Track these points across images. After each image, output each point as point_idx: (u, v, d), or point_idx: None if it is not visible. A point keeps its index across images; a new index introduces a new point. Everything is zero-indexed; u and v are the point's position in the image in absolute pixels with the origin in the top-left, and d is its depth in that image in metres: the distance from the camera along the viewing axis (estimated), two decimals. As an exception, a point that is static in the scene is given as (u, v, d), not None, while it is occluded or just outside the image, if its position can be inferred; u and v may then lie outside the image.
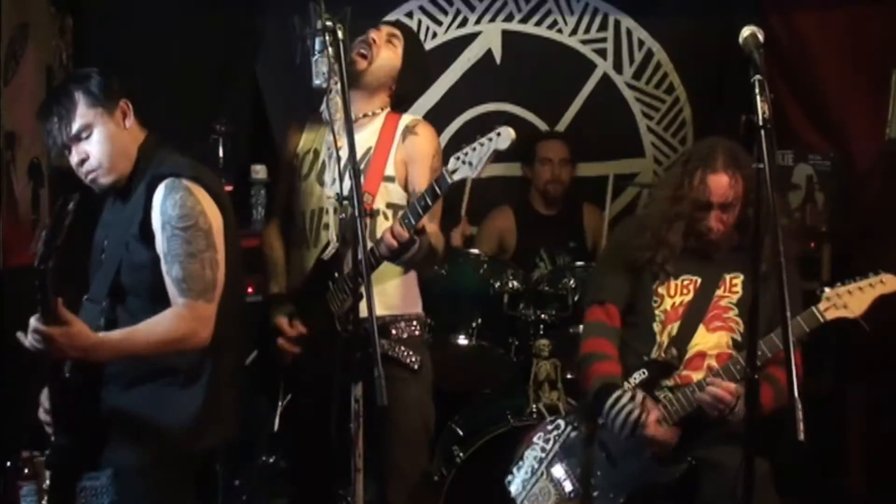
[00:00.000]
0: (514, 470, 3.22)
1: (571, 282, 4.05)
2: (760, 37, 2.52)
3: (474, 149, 2.79)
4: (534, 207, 4.77)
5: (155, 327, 2.59)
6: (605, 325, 3.19)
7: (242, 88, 4.74)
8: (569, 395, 3.85)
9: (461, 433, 3.92)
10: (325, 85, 2.66)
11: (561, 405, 3.76)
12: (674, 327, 3.11)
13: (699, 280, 3.14)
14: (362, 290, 2.51)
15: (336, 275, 3.03)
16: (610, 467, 3.08)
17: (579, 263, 4.17)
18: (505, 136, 2.75)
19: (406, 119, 3.21)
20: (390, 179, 3.11)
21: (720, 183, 3.01)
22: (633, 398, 2.98)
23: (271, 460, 4.10)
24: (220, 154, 4.21)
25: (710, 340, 3.09)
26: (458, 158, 2.80)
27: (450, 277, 4.01)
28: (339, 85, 2.58)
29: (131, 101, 2.76)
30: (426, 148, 3.17)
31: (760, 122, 2.32)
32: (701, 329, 3.10)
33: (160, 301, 2.64)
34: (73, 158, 2.72)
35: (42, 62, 3.95)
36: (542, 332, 4.01)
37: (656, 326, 3.13)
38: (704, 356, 3.08)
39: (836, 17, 4.41)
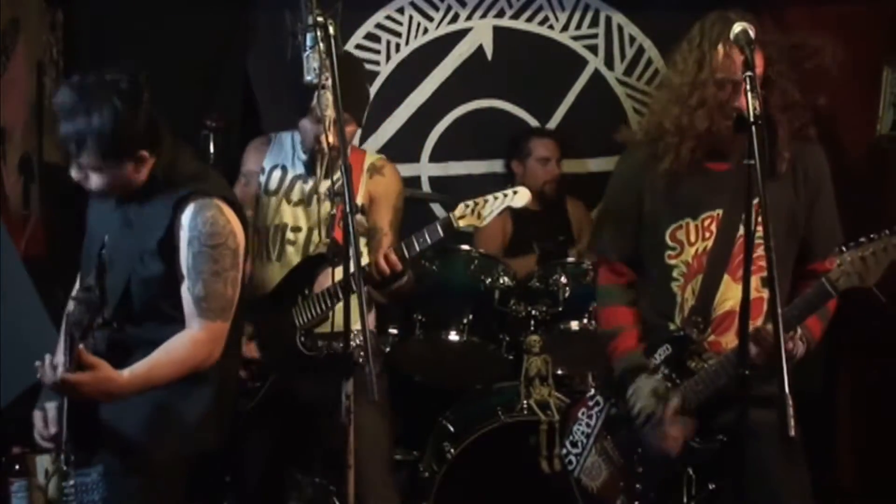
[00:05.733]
0: (567, 444, 3.11)
1: (562, 277, 4.05)
2: (752, 33, 2.53)
3: (486, 201, 2.86)
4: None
5: (173, 356, 2.57)
6: (616, 288, 3.02)
7: (233, 83, 4.73)
8: (559, 391, 3.86)
9: (452, 429, 3.92)
10: (315, 81, 2.66)
11: (552, 401, 3.76)
12: (696, 281, 2.83)
13: (720, 213, 2.81)
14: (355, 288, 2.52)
15: (306, 290, 3.09)
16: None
17: (570, 260, 4.16)
18: (522, 196, 2.86)
19: (371, 157, 3.33)
20: (360, 210, 3.13)
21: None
22: (653, 391, 2.81)
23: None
24: (211, 149, 4.20)
25: (738, 293, 2.61)
26: (467, 206, 2.86)
27: (440, 273, 4.01)
28: (329, 81, 2.58)
29: (160, 140, 2.62)
30: (391, 188, 3.31)
31: (751, 118, 2.33)
32: (727, 280, 2.80)
33: (167, 318, 2.63)
34: (73, 172, 2.60)
35: (33, 57, 3.94)
36: (532, 328, 4.00)
37: (675, 284, 2.86)
38: (734, 315, 2.74)
39: (828, 12, 4.41)
